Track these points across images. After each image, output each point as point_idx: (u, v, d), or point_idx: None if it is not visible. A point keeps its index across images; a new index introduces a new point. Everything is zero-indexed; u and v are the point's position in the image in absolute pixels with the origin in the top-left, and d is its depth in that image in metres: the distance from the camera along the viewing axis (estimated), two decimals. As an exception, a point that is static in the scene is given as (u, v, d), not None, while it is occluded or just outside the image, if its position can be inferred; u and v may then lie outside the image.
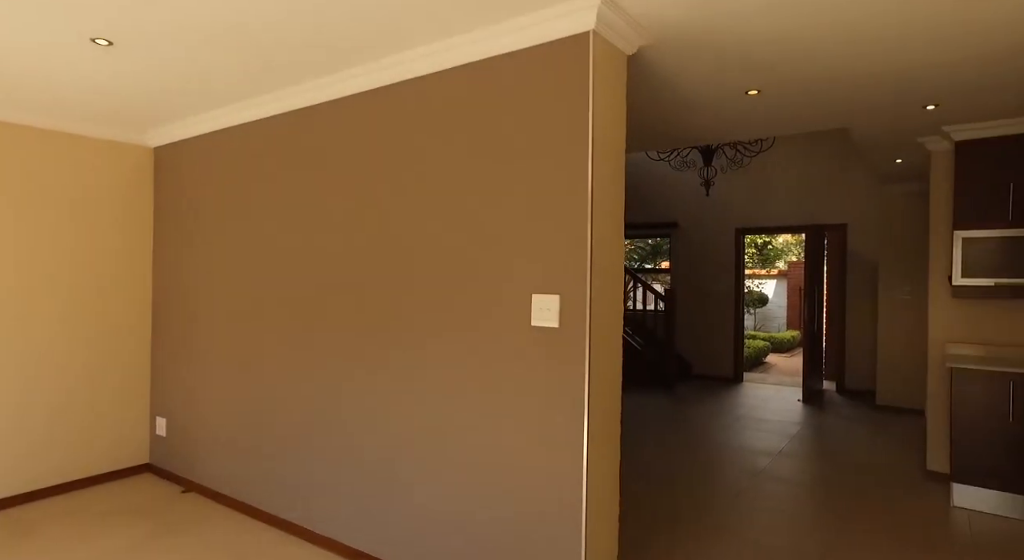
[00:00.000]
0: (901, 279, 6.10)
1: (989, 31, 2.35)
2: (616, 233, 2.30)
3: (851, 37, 2.40)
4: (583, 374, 2.11)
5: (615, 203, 2.28)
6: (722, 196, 7.86)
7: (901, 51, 2.54)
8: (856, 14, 2.20)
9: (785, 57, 2.61)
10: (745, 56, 2.60)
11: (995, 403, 3.41)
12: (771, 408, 6.31)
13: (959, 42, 2.45)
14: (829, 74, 2.84)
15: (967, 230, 3.69)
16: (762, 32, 2.35)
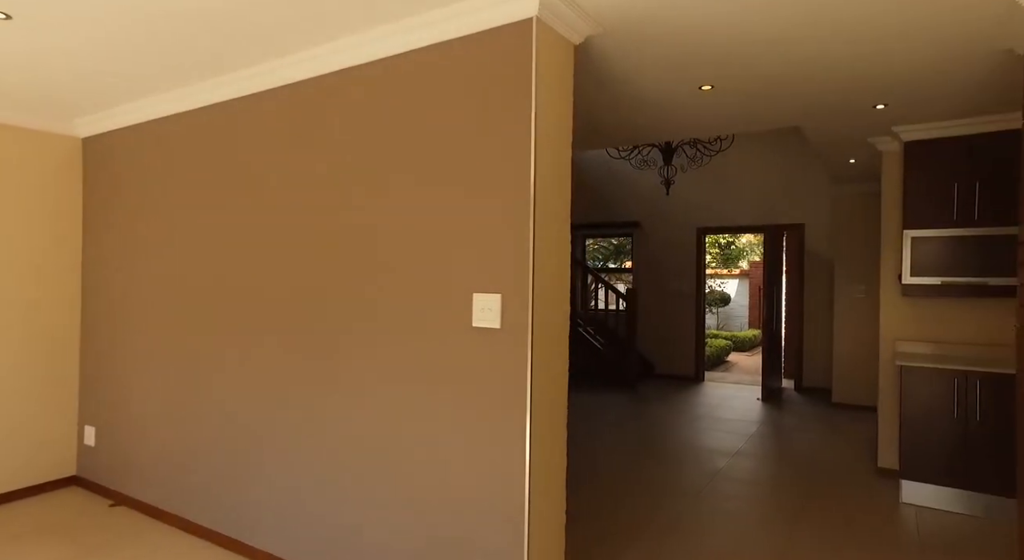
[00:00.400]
0: (855, 278, 6.20)
1: (934, 32, 2.34)
2: (562, 230, 2.21)
3: (801, 34, 2.37)
4: (525, 378, 2.02)
5: (560, 199, 2.19)
6: (683, 196, 7.89)
7: (851, 47, 2.51)
8: (805, 11, 2.16)
9: (736, 51, 2.56)
10: (696, 49, 2.55)
11: (941, 401, 3.45)
12: (731, 407, 6.34)
13: (906, 42, 2.43)
14: (781, 71, 2.81)
15: (916, 230, 3.73)
16: (712, 25, 2.29)
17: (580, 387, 7.30)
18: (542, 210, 2.07)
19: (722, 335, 11.86)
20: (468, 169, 2.16)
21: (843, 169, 5.37)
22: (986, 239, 3.53)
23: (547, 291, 2.10)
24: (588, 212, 8.63)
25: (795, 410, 6.19)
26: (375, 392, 2.37)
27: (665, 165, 6.11)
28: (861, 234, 6.15)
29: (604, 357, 7.50)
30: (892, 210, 4.14)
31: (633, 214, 8.26)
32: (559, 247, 2.19)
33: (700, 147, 6.13)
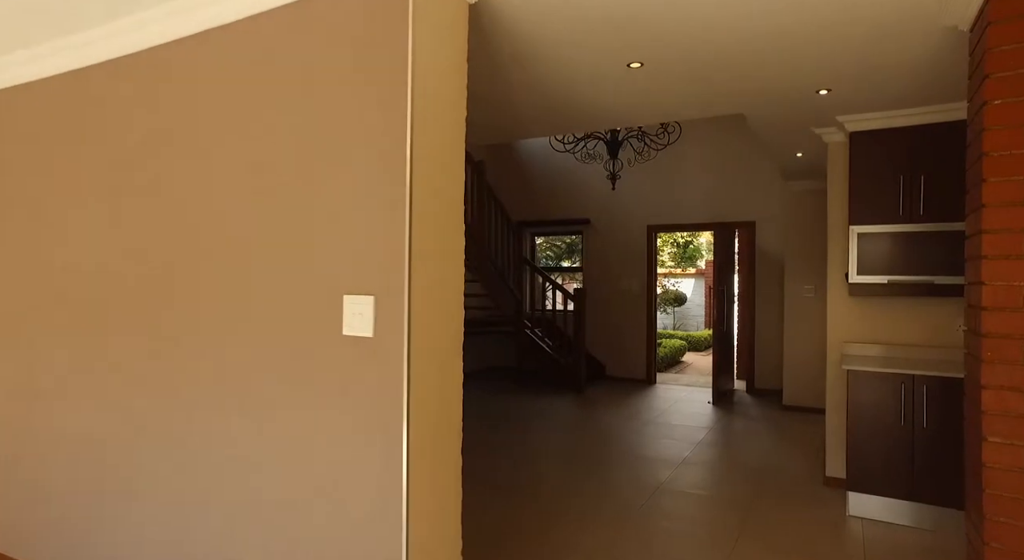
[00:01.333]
0: (805, 277, 6.05)
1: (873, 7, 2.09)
2: (452, 220, 1.87)
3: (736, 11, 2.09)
4: (400, 398, 1.67)
5: (450, 184, 1.86)
6: (633, 193, 7.67)
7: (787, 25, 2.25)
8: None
9: (667, 26, 2.27)
10: (621, 22, 2.25)
11: (887, 406, 3.24)
12: (680, 411, 6.12)
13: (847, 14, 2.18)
14: (716, 50, 2.54)
15: (862, 225, 3.52)
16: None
17: (526, 391, 7.00)
18: (424, 194, 1.73)
19: (677, 335, 11.75)
20: (337, 149, 1.80)
21: (792, 163, 5.19)
22: (932, 236, 3.34)
23: (431, 292, 1.76)
24: (537, 209, 8.34)
25: (746, 413, 6.00)
26: (228, 426, 1.99)
27: (611, 159, 5.85)
28: (811, 232, 6.01)
29: (552, 359, 7.22)
30: (838, 205, 3.94)
31: (583, 211, 8.01)
32: (448, 240, 1.85)
33: (647, 140, 5.89)
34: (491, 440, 4.93)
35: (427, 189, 1.74)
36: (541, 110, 3.55)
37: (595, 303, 7.94)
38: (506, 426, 5.43)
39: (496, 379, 7.85)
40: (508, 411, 6.07)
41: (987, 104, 1.85)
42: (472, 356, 8.66)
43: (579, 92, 3.16)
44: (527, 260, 7.49)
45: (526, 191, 8.43)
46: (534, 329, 7.40)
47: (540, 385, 7.40)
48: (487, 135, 4.25)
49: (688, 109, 3.49)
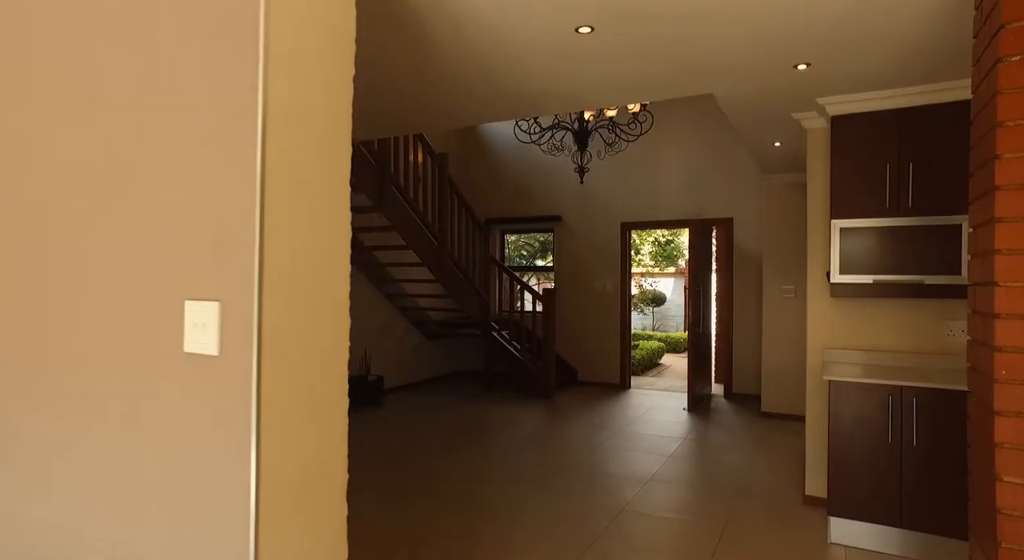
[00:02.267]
0: (784, 277, 5.73)
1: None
2: (332, 210, 1.47)
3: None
4: (248, 437, 1.27)
5: (327, 164, 1.45)
6: (607, 188, 7.31)
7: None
8: None
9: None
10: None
11: (873, 421, 2.89)
12: (653, 419, 5.76)
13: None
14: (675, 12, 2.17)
15: (844, 219, 3.17)
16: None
17: (493, 397, 6.60)
18: (282, 173, 1.32)
19: (656, 336, 11.43)
20: (174, 110, 1.39)
21: (770, 155, 4.85)
22: (922, 230, 3.00)
23: (296, 299, 1.36)
24: (507, 206, 7.95)
25: (722, 421, 5.66)
26: (53, 463, 1.57)
27: (579, 150, 5.48)
28: (790, 229, 5.68)
29: (520, 364, 6.83)
30: (819, 197, 3.60)
31: (555, 208, 7.63)
32: (320, 235, 1.44)
33: (618, 131, 5.53)
34: (443, 454, 4.53)
35: (288, 167, 1.33)
36: (488, 90, 3.15)
37: (567, 304, 7.57)
38: (464, 437, 5.03)
39: (463, 384, 7.44)
40: (470, 420, 5.67)
41: (1001, 62, 1.49)
42: (438, 360, 8.31)
43: (528, 67, 2.77)
44: (494, 259, 7.10)
45: (496, 187, 8.03)
46: (501, 332, 7.00)
47: (508, 391, 7.01)
48: (428, 120, 3.84)
49: (651, 88, 3.12)
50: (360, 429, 5.30)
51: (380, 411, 6.00)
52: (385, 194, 5.39)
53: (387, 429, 5.33)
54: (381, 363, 6.67)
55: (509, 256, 10.23)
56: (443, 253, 6.17)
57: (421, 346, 7.43)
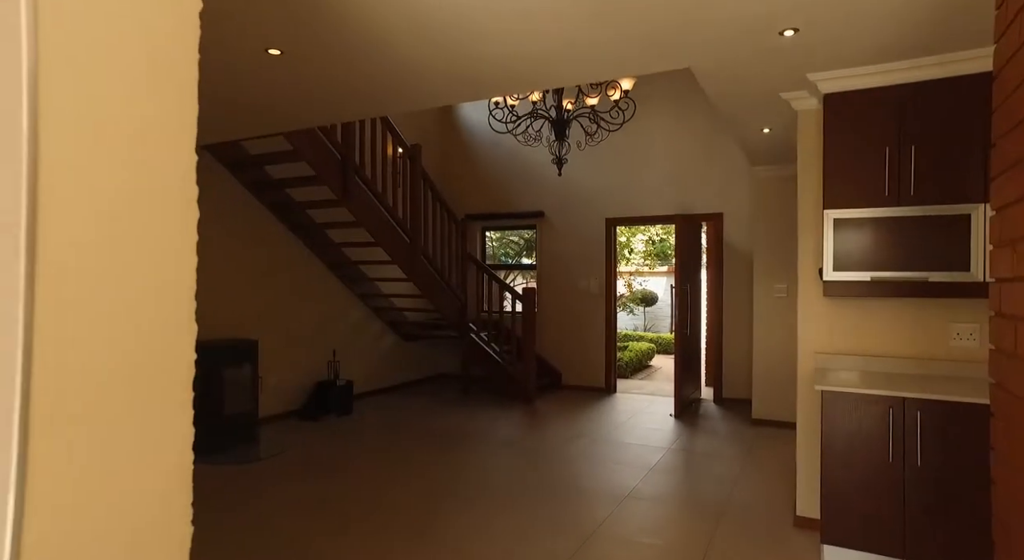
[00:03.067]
0: (776, 275, 5.39)
1: None
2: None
3: None
4: (9, 491, 0.90)
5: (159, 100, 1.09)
6: (590, 182, 6.96)
7: None
8: None
9: None
10: None
11: (872, 437, 2.55)
12: (638, 427, 5.42)
13: None
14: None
15: (839, 209, 2.83)
16: None
17: (471, 402, 6.25)
18: (61, 112, 0.96)
19: (647, 337, 11.09)
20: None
21: (759, 144, 4.51)
22: (925, 221, 2.66)
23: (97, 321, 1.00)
24: (487, 201, 7.60)
25: (710, 429, 5.32)
26: None
27: (557, 140, 5.13)
28: (781, 223, 5.34)
29: (500, 368, 6.48)
30: (810, 186, 3.26)
31: (536, 203, 7.28)
32: (154, 201, 1.08)
33: (599, 120, 5.18)
34: (407, 466, 4.18)
35: (67, 103, 0.97)
36: (440, 66, 2.80)
37: (550, 305, 7.22)
38: (434, 446, 4.68)
39: (442, 388, 7.09)
40: (443, 427, 5.32)
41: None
42: (415, 363, 7.93)
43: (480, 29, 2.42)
44: (472, 256, 6.76)
45: (476, 181, 7.68)
46: (480, 333, 6.65)
47: (488, 395, 6.66)
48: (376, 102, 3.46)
49: (612, 59, 2.77)
50: (321, 438, 4.95)
51: (349, 418, 5.65)
52: (350, 187, 5.04)
53: (353, 438, 4.98)
54: (352, 366, 6.31)
55: (493, 254, 9.89)
56: (415, 250, 5.82)
57: (397, 348, 7.08)
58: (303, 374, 5.77)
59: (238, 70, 2.89)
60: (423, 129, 7.45)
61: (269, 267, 5.44)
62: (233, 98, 3.31)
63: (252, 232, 5.26)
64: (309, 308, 5.86)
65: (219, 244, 4.93)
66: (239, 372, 4.72)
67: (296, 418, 5.60)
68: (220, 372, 4.54)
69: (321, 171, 4.83)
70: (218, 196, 4.96)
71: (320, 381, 5.84)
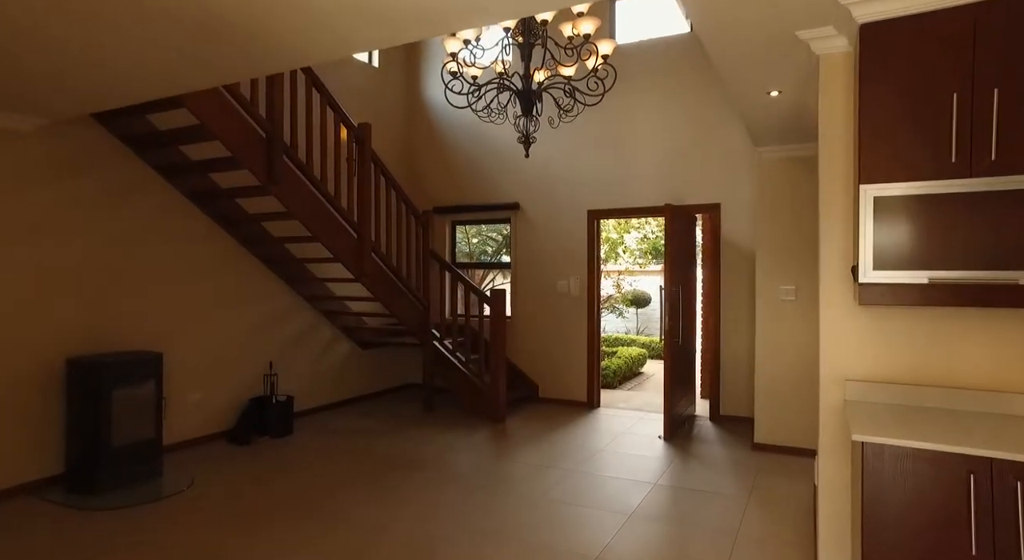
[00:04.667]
0: (782, 275, 4.58)
1: None
2: None
3: None
4: None
5: None
6: (571, 170, 6.15)
7: None
8: None
9: None
10: None
11: (941, 516, 1.75)
12: (621, 452, 4.62)
13: None
14: None
15: (882, 184, 2.03)
16: None
17: (434, 419, 5.43)
18: None
19: (639, 342, 10.28)
20: None
21: (764, 114, 3.71)
22: (1012, 199, 1.86)
23: None
24: (458, 192, 6.79)
25: (705, 456, 4.52)
26: None
27: (524, 116, 4.32)
28: (791, 215, 4.55)
29: (466, 379, 5.67)
30: (836, 155, 2.45)
31: (511, 193, 6.47)
32: None
33: (575, 92, 4.36)
34: (334, 509, 3.36)
35: None
36: None
37: (526, 308, 6.41)
38: (374, 480, 3.87)
39: (405, 402, 6.28)
40: (393, 454, 4.51)
41: None
42: (375, 373, 6.82)
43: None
44: (435, 254, 5.94)
45: (446, 170, 6.88)
46: (444, 341, 5.84)
47: (454, 411, 5.85)
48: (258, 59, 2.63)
49: None
50: (243, 468, 4.13)
51: (285, 441, 4.83)
52: (276, 170, 4.22)
53: (280, 468, 4.16)
54: (295, 379, 5.50)
55: (471, 251, 9.09)
56: (364, 246, 5.00)
57: (354, 357, 6.26)
58: (234, 389, 4.96)
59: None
60: (383, 112, 6.64)
61: (189, 266, 4.61)
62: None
63: (164, 224, 4.44)
64: (242, 313, 5.04)
65: (112, 237, 4.11)
66: (136, 392, 3.90)
67: (225, 441, 4.79)
68: (108, 393, 3.72)
69: (239, 151, 4.01)
70: (116, 179, 4.14)
71: (255, 397, 5.03)
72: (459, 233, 9.10)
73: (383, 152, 6.55)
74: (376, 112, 6.57)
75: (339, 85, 5.96)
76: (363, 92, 6.40)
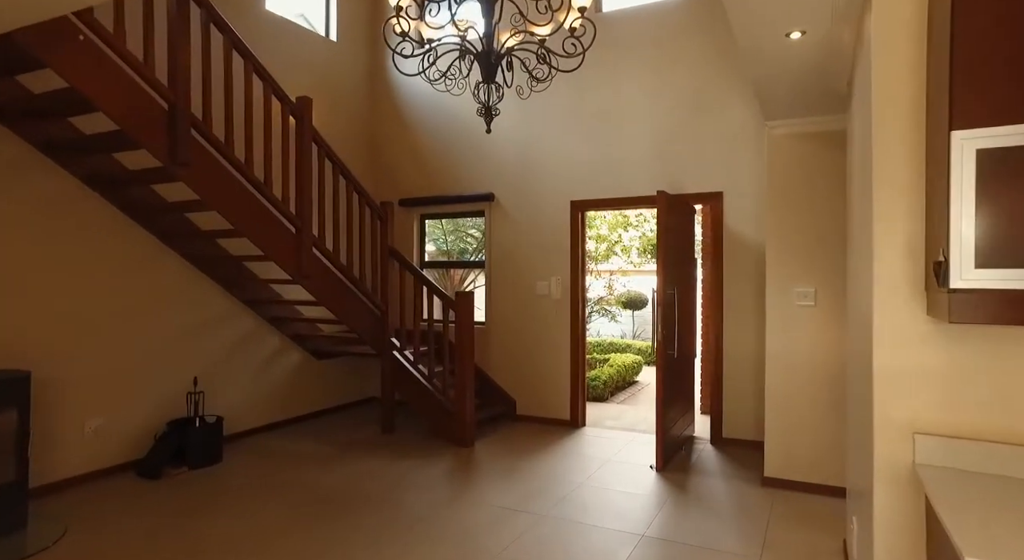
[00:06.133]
0: (798, 275, 3.82)
1: None
2: None
3: None
4: None
5: None
6: (553, 155, 5.39)
7: None
8: None
9: None
10: None
11: None
12: (606, 488, 3.86)
13: None
14: None
15: (990, 128, 1.27)
16: None
17: (389, 445, 4.66)
18: None
19: (635, 347, 9.50)
20: None
21: (779, 72, 2.95)
22: None
23: None
24: (426, 182, 6.03)
25: (705, 496, 3.75)
26: None
27: (485, 83, 3.56)
28: (806, 202, 3.78)
29: (430, 396, 4.91)
30: (899, 95, 1.68)
31: (485, 183, 5.71)
32: None
33: (548, 55, 3.59)
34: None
35: None
36: None
37: (502, 313, 5.65)
38: (302, 527, 3.11)
39: (363, 420, 5.52)
40: (335, 488, 3.76)
41: None
42: (333, 387, 5.72)
43: None
44: (395, 252, 5.17)
45: (413, 158, 6.11)
46: (404, 351, 5.08)
47: (418, 431, 5.09)
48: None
49: None
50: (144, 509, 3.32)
51: (208, 473, 4.07)
52: (182, 148, 3.45)
53: (191, 511, 3.39)
54: (232, 396, 4.75)
55: (448, 249, 8.33)
56: (303, 242, 4.24)
57: (307, 369, 5.51)
58: (147, 412, 4.20)
59: None
60: (342, 92, 5.88)
61: (85, 266, 3.85)
62: None
63: (47, 215, 3.67)
64: (161, 321, 4.28)
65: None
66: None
67: (135, 474, 4.02)
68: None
69: (129, 123, 3.24)
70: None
71: (175, 420, 4.27)
72: (435, 230, 8.35)
73: (342, 137, 5.82)
74: (334, 91, 5.82)
75: (288, 58, 5.21)
76: (319, 68, 5.64)
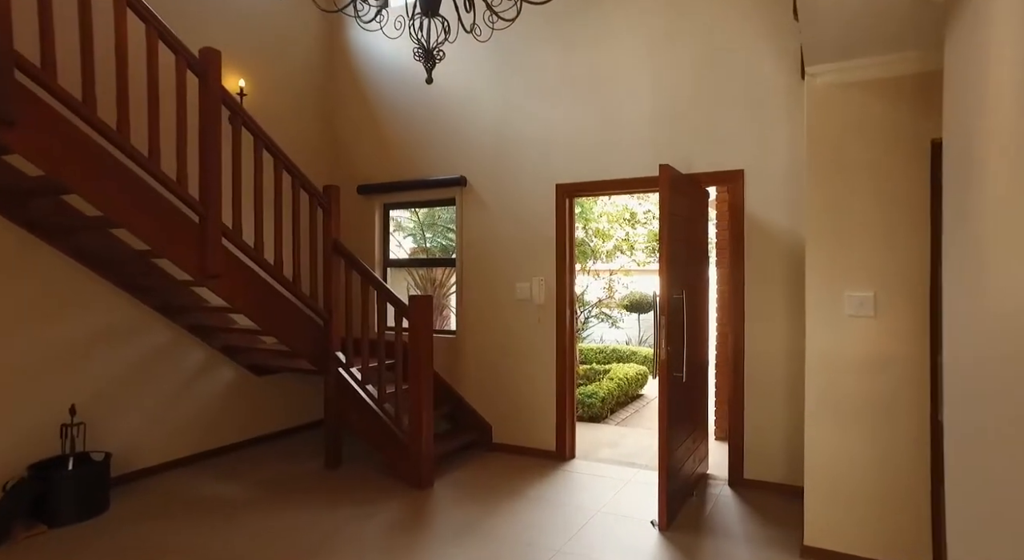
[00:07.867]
0: (850, 275, 2.84)
1: None
2: None
3: None
4: None
5: None
6: (535, 130, 4.45)
7: None
8: None
9: None
10: None
11: None
12: (590, 557, 2.91)
13: None
14: None
15: None
16: None
17: (329, 484, 3.74)
18: None
19: (639, 355, 8.50)
20: None
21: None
22: None
23: None
24: (390, 166, 5.11)
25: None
26: None
27: (424, 16, 2.61)
28: (867, 178, 2.81)
29: (380, 424, 3.97)
30: None
31: (456, 165, 4.77)
32: None
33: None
34: None
35: None
36: None
37: (477, 319, 4.72)
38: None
39: (307, 449, 4.60)
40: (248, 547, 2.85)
41: None
42: (275, 407, 4.60)
43: None
44: (340, 248, 4.24)
45: (376, 138, 5.20)
46: (350, 368, 4.15)
47: (368, 466, 4.17)
48: None
49: None
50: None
51: (84, 529, 3.17)
52: (2, 101, 2.54)
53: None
54: (134, 425, 3.86)
55: (428, 246, 7.42)
56: (209, 234, 3.33)
57: (242, 388, 4.60)
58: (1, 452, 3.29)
59: None
60: (294, 60, 4.96)
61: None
62: None
63: None
64: (25, 336, 3.38)
65: None
66: None
67: (-15, 531, 3.12)
68: None
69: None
70: None
71: (41, 463, 3.35)
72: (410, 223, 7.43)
73: (291, 112, 4.94)
74: (284, 58, 4.91)
75: (225, 12, 4.34)
76: (264, 29, 4.74)
